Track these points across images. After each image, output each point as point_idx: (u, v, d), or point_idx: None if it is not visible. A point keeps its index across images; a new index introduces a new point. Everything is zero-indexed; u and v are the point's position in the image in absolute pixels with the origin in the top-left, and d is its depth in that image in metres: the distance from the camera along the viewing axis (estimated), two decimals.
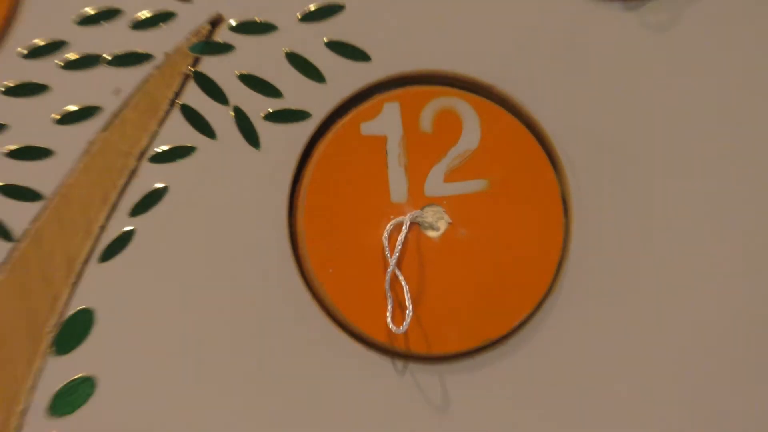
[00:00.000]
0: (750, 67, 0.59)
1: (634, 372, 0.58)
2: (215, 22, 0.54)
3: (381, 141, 0.55)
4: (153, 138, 0.55)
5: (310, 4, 0.56)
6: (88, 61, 0.55)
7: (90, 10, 0.53)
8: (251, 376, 0.58)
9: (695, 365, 0.58)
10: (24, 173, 0.55)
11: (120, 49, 0.54)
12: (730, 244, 0.57)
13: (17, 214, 0.55)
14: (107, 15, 0.53)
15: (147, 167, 0.56)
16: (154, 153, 0.58)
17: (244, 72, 0.53)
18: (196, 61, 0.54)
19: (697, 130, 0.58)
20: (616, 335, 0.58)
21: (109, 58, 0.53)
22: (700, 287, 0.57)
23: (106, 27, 0.54)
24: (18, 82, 0.54)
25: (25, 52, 0.53)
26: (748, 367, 0.60)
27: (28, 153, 0.55)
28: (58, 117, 0.53)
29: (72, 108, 0.55)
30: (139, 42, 0.53)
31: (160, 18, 0.54)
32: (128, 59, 0.55)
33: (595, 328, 0.58)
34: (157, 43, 0.53)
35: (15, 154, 0.55)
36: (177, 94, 0.55)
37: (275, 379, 0.58)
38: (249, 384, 0.57)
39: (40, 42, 0.52)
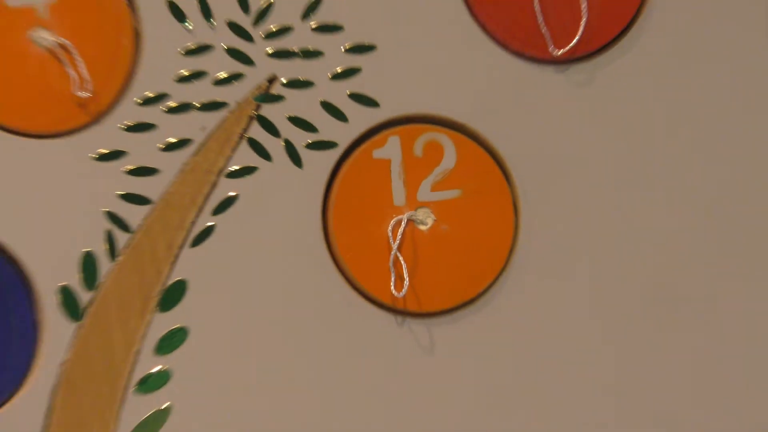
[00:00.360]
0: (643, 115, 0.65)
1: (567, 319, 0.64)
2: (271, 80, 0.62)
3: (387, 163, 0.63)
4: (228, 161, 0.63)
5: (337, 67, 0.65)
6: (183, 108, 0.63)
7: (185, 72, 0.61)
8: (299, 327, 0.64)
9: (613, 323, 0.64)
10: (139, 185, 0.62)
11: (205, 99, 0.62)
12: (634, 234, 0.65)
13: (134, 214, 0.64)
14: (196, 75, 0.62)
15: (224, 181, 0.63)
16: (228, 171, 0.64)
17: (292, 115, 0.62)
18: (258, 107, 0.62)
19: (610, 156, 0.64)
20: (550, 296, 0.64)
21: (198, 105, 0.62)
22: (613, 264, 0.64)
23: (195, 84, 0.62)
24: (135, 122, 0.62)
25: (140, 101, 0.61)
26: (659, 325, 0.66)
27: (141, 171, 0.63)
28: (163, 146, 0.61)
29: (172, 140, 0.63)
30: (219, 94, 0.62)
31: (234, 77, 0.62)
32: (211, 106, 0.63)
33: (536, 291, 0.64)
34: (231, 94, 0.61)
35: (132, 172, 0.63)
36: (245, 130, 0.63)
37: (315, 328, 0.64)
38: (298, 332, 0.64)
39: (150, 94, 0.61)
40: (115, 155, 0.62)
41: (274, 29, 0.65)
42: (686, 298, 0.68)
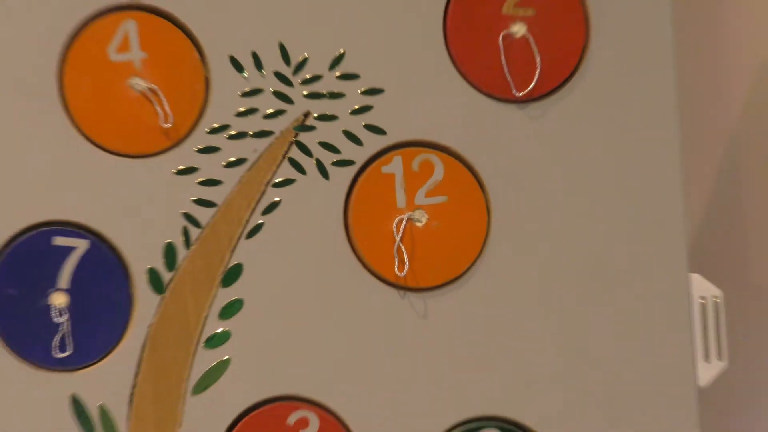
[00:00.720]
0: (582, 141, 0.73)
1: (525, 292, 0.73)
2: (306, 115, 0.69)
3: (392, 176, 0.70)
4: (273, 175, 0.69)
5: (355, 105, 0.70)
6: (240, 135, 0.69)
7: (242, 108, 0.68)
8: (326, 298, 0.72)
9: (558, 294, 0.73)
10: (207, 193, 0.68)
11: (257, 129, 0.69)
12: (575, 230, 0.73)
13: (203, 214, 0.69)
14: (250, 111, 0.69)
15: (270, 190, 0.69)
16: (274, 182, 0.69)
17: (321, 140, 0.68)
18: (296, 135, 0.68)
19: (558, 171, 0.73)
20: (513, 276, 0.72)
21: (251, 133, 0.69)
22: (559, 251, 0.73)
23: (249, 117, 0.69)
24: (205, 146, 0.69)
25: (209, 130, 0.68)
26: (594, 298, 0.74)
27: (209, 182, 0.69)
28: (225, 164, 0.68)
29: (232, 159, 0.68)
30: (267, 125, 0.69)
31: (278, 113, 0.69)
32: (261, 134, 0.69)
33: (503, 272, 0.72)
34: (276, 125, 0.68)
35: (202, 183, 0.68)
36: (286, 152, 0.69)
37: (338, 299, 0.72)
38: (325, 302, 0.71)
39: (216, 125, 0.68)
40: (189, 170, 0.69)
41: (308, 77, 0.71)
42: (614, 277, 0.75)
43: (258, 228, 0.69)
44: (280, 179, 0.70)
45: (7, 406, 0.71)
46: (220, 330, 0.69)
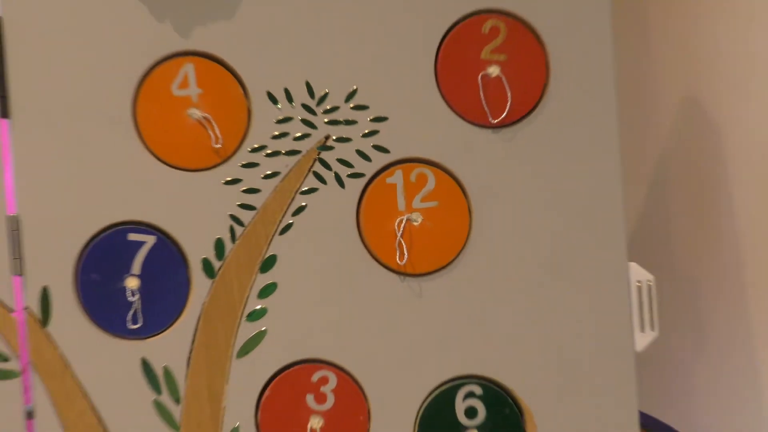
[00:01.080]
0: (544, 158, 0.79)
1: (497, 277, 0.78)
2: (327, 137, 0.73)
3: (394, 185, 0.77)
4: (301, 185, 0.74)
5: (365, 129, 0.74)
6: (275, 153, 0.73)
7: (276, 132, 0.70)
8: (342, 281, 0.77)
9: (523, 277, 0.78)
10: (249, 199, 0.73)
11: (288, 148, 0.73)
12: (537, 230, 0.78)
13: (246, 216, 0.75)
14: (283, 135, 0.71)
15: (298, 196, 0.76)
16: (301, 190, 0.76)
17: (338, 157, 0.74)
18: (319, 153, 0.73)
19: (524, 183, 0.78)
20: (488, 264, 0.77)
21: (284, 152, 0.72)
22: (523, 244, 0.78)
23: (282, 140, 0.72)
24: (247, 162, 0.72)
25: (250, 149, 0.71)
26: (552, 285, 0.80)
27: (250, 191, 0.74)
28: (262, 176, 0.71)
29: (268, 172, 0.73)
30: (296, 146, 0.73)
31: (305, 136, 0.73)
32: (291, 152, 0.74)
33: (480, 261, 0.77)
34: (303, 146, 0.73)
35: (245, 191, 0.73)
36: (311, 167, 0.74)
37: (352, 282, 0.77)
38: (341, 284, 0.77)
39: (256, 145, 0.72)
40: (235, 181, 0.74)
41: (328, 108, 0.76)
42: (569, 266, 0.80)
43: (288, 227, 0.75)
44: (306, 188, 0.75)
45: (93, 367, 0.76)
46: (258, 307, 0.75)
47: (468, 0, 0.80)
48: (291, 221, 0.75)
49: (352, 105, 0.76)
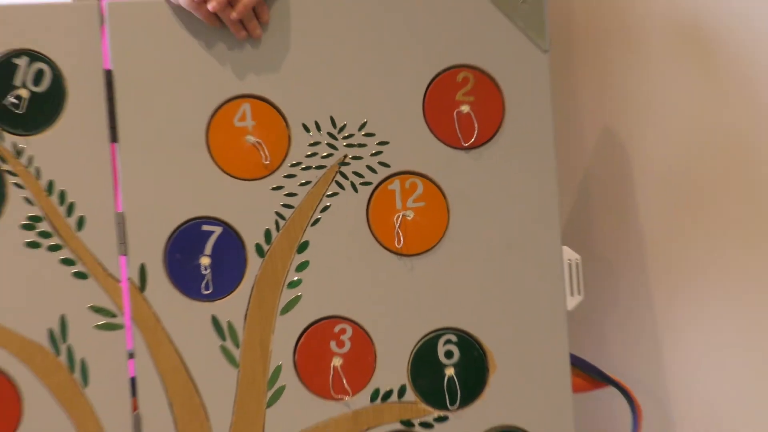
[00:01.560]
0: (502, 171, 0.84)
1: (464, 256, 0.84)
2: (345, 156, 0.79)
3: (394, 191, 0.83)
4: (326, 190, 0.81)
5: (373, 150, 0.81)
6: (308, 168, 0.79)
7: (308, 152, 0.78)
8: (356, 262, 0.82)
9: (483, 257, 0.84)
10: (289, 200, 0.80)
11: (317, 164, 0.79)
12: (496, 225, 0.84)
13: (287, 213, 0.81)
14: (312, 154, 0.79)
15: (325, 199, 0.81)
16: (326, 194, 0.81)
17: (354, 170, 0.80)
18: (339, 168, 0.81)
19: (487, 190, 0.84)
20: (459, 247, 0.84)
21: (314, 166, 0.79)
22: (484, 234, 0.84)
23: (313, 157, 0.78)
24: (288, 174, 0.79)
25: (289, 164, 0.78)
26: (514, 262, 0.85)
27: (290, 195, 0.80)
28: (299, 184, 0.78)
29: (303, 181, 0.79)
30: (323, 162, 0.79)
31: (329, 155, 0.79)
32: (319, 167, 0.79)
33: (454, 245, 0.83)
34: (328, 162, 0.79)
35: (286, 195, 0.80)
36: (333, 177, 0.81)
37: (363, 261, 0.82)
38: (356, 263, 0.82)
39: (294, 162, 0.79)
40: (278, 188, 0.82)
41: (346, 135, 0.83)
42: (520, 250, 0.87)
43: (317, 221, 0.83)
44: (330, 193, 0.83)
45: (177, 321, 0.83)
46: (296, 278, 0.83)
47: (446, 57, 0.83)
48: (319, 216, 0.82)
49: (363, 133, 0.83)
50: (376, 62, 0.83)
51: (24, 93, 0.77)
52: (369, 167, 0.82)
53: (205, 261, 0.80)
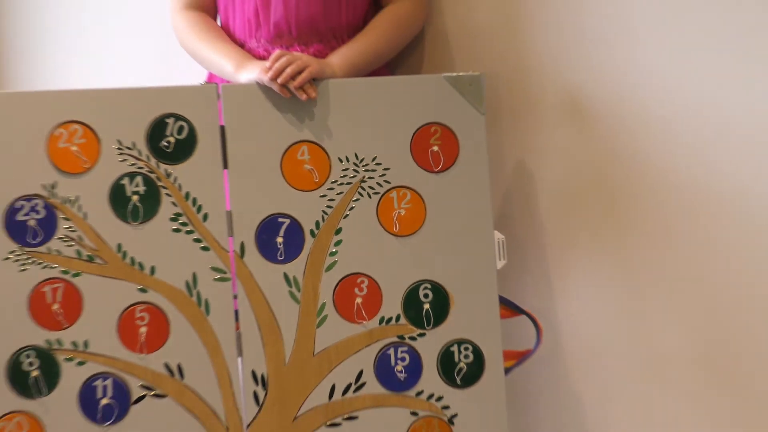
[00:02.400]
0: (461, 187, 0.89)
1: (435, 238, 0.88)
2: (363, 177, 0.86)
3: (392, 198, 0.89)
4: (352, 197, 0.88)
5: (380, 174, 0.87)
6: (341, 184, 0.87)
7: (341, 174, 0.86)
8: (369, 241, 0.87)
9: (458, 238, 0.88)
10: (329, 203, 0.87)
11: (347, 182, 0.87)
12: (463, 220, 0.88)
13: (329, 211, 0.87)
14: (344, 176, 0.87)
15: (352, 202, 0.87)
16: (353, 199, 0.87)
17: (368, 185, 0.87)
18: (360, 184, 0.87)
19: (449, 197, 0.89)
20: (430, 232, 0.88)
21: (345, 183, 0.86)
22: (459, 226, 0.88)
23: (344, 177, 0.86)
24: (329, 188, 0.86)
25: (330, 182, 0.86)
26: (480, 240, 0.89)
27: (331, 200, 0.87)
28: (336, 193, 0.86)
29: (338, 192, 0.87)
30: (350, 180, 0.87)
31: (354, 176, 0.86)
32: (348, 183, 0.87)
33: (430, 230, 0.89)
34: (353, 180, 0.86)
35: (329, 200, 0.86)
36: (357, 190, 0.88)
37: (373, 241, 0.87)
38: (367, 243, 0.87)
39: (333, 180, 0.86)
40: (324, 196, 0.88)
41: (364, 165, 0.89)
42: (469, 233, 0.90)
43: (347, 216, 0.89)
44: (354, 199, 0.89)
45: (262, 276, 0.87)
46: (334, 250, 0.88)
47: (424, 117, 0.91)
48: (348, 213, 0.89)
49: (374, 163, 0.89)
50: (382, 121, 0.90)
51: (172, 139, 0.85)
52: (378, 183, 0.90)
53: (279, 240, 0.87)
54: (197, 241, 0.87)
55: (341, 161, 0.89)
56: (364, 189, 0.90)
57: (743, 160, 0.87)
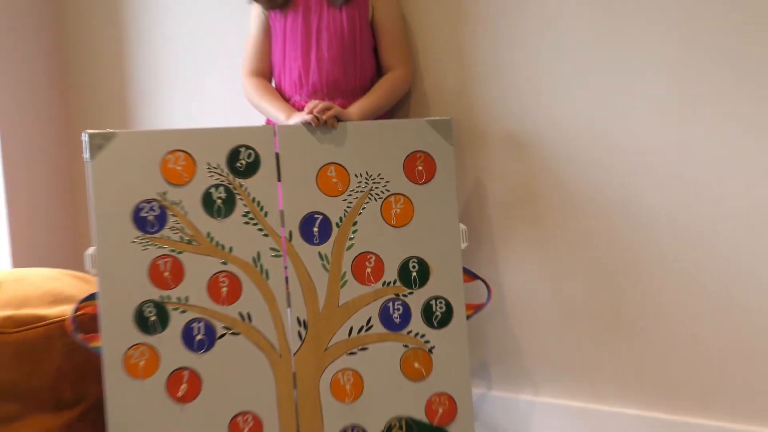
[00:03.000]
0: (440, 195, 0.93)
1: (420, 227, 0.94)
2: (371, 189, 0.93)
3: (391, 202, 0.96)
4: (363, 201, 0.95)
5: (384, 187, 0.96)
6: (357, 191, 0.95)
7: (356, 184, 0.95)
8: (374, 229, 0.94)
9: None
10: (348, 206, 0.94)
11: (361, 190, 0.94)
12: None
13: (348, 210, 0.97)
14: (359, 185, 0.95)
15: (365, 204, 0.94)
16: (364, 203, 0.95)
17: (376, 194, 0.94)
18: (369, 192, 0.93)
19: (429, 202, 0.94)
20: (417, 225, 0.94)
21: (358, 191, 0.94)
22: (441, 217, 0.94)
23: (359, 186, 0.94)
24: (348, 195, 0.95)
25: (349, 191, 0.95)
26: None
27: (350, 203, 0.96)
28: (353, 198, 0.94)
29: (356, 197, 0.95)
30: (363, 189, 0.94)
31: (365, 186, 0.93)
32: (360, 192, 0.95)
33: (415, 224, 0.94)
34: (366, 189, 0.93)
35: (348, 203, 0.96)
36: (367, 195, 0.95)
37: (378, 230, 0.93)
38: (374, 230, 0.93)
39: (351, 190, 0.95)
40: (345, 200, 0.96)
41: (372, 179, 0.96)
42: (442, 226, 0.93)
43: (360, 213, 0.98)
44: (366, 201, 0.98)
45: (304, 252, 0.96)
46: (351, 236, 0.98)
47: (412, 147, 0.98)
48: (361, 211, 0.98)
49: (379, 178, 0.99)
50: (384, 150, 0.99)
51: (243, 162, 0.95)
52: (381, 192, 0.99)
53: (315, 229, 0.97)
54: (260, 230, 0.96)
55: (357, 176, 0.99)
56: (372, 195, 0.99)
57: (623, 177, 1.01)
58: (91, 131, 0.92)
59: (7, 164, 1.18)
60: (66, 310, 0.99)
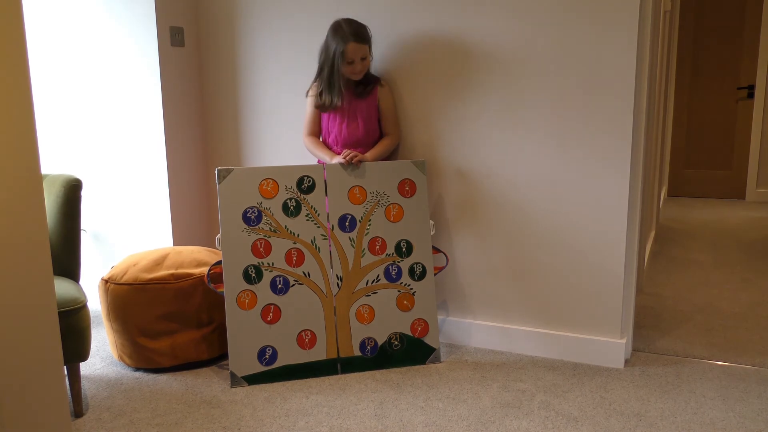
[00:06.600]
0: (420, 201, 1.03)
1: (412, 218, 1.08)
2: (378, 200, 1.13)
3: (390, 208, 1.13)
4: (374, 207, 1.15)
5: (386, 196, 1.13)
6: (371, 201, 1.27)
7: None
8: (382, 222, 1.04)
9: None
10: (361, 210, 1.23)
11: (374, 203, 1.24)
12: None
13: (370, 212, 1.17)
14: (371, 199, 1.19)
15: (374, 210, 1.17)
16: (375, 209, 1.14)
17: (381, 203, 1.21)
18: (377, 203, 1.14)
19: (416, 207, 1.10)
20: (406, 220, 1.09)
21: (372, 204, 1.20)
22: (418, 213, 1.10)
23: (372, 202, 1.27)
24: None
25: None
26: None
27: (367, 209, 1.17)
28: (369, 206, 1.15)
29: (369, 206, 1.20)
30: (374, 201, 1.22)
31: (376, 200, 1.23)
32: (373, 201, 1.27)
33: (405, 220, 1.09)
34: (375, 200, 1.22)
35: (365, 209, 1.17)
36: (375, 205, 1.16)
37: (382, 222, 1.06)
38: (382, 223, 1.06)
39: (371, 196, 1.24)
40: (365, 206, 1.11)
41: (380, 195, 1.15)
42: (417, 222, 1.07)
43: (373, 214, 1.17)
44: (376, 208, 1.16)
45: (342, 239, 1.13)
46: (368, 228, 1.16)
47: (402, 175, 1.13)
48: (374, 213, 1.18)
49: (383, 194, 1.18)
50: (386, 178, 1.18)
51: (306, 185, 1.19)
52: (385, 202, 1.20)
53: (347, 224, 1.18)
54: (315, 224, 1.19)
55: (371, 193, 1.20)
56: (379, 204, 1.20)
57: (520, 189, 1.15)
58: (219, 168, 1.17)
59: (173, 181, 1.45)
60: (204, 270, 1.24)
